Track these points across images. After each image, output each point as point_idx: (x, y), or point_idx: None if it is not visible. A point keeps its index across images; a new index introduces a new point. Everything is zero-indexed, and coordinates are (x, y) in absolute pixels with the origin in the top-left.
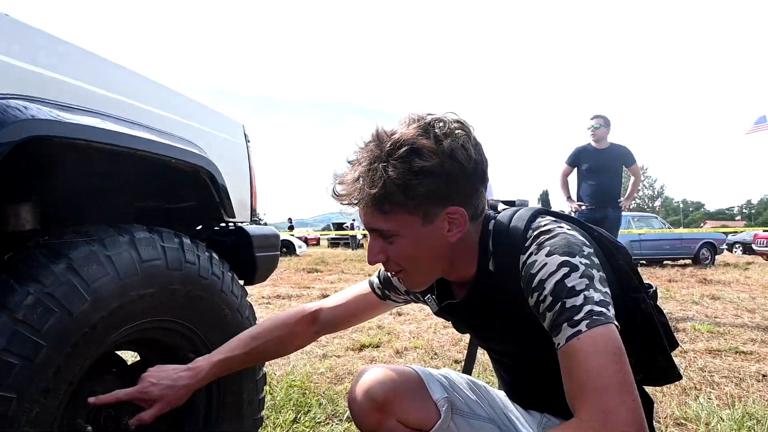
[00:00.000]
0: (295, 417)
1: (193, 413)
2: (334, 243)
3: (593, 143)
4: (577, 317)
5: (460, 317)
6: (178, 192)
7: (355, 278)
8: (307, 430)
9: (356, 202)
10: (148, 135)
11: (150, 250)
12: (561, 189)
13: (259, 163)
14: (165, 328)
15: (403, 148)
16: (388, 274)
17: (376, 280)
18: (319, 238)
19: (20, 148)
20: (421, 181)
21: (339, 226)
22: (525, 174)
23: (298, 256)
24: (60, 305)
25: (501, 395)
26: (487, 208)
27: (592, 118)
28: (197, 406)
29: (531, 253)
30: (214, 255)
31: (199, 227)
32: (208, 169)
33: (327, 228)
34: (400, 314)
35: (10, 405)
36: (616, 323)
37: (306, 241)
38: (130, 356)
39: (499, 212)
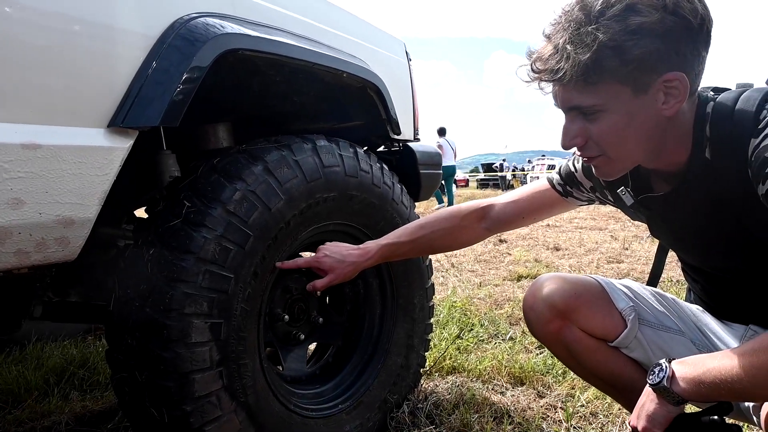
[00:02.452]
0: (459, 333)
1: (371, 312)
2: (483, 184)
3: None
4: None
5: (660, 215)
6: (347, 111)
7: None
8: (471, 345)
9: (559, 76)
10: (323, 50)
11: (330, 157)
12: None
13: None
14: (344, 232)
15: (617, 6)
16: (572, 168)
17: (556, 176)
18: (467, 179)
19: (215, 69)
20: (638, 42)
21: (488, 167)
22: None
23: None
24: (261, 201)
25: (692, 308)
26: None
27: None
28: (374, 306)
29: (766, 136)
30: (385, 166)
31: (365, 148)
32: (375, 85)
33: (475, 170)
34: (558, 249)
35: (229, 283)
36: None
37: (455, 182)
38: None
39: (716, 96)
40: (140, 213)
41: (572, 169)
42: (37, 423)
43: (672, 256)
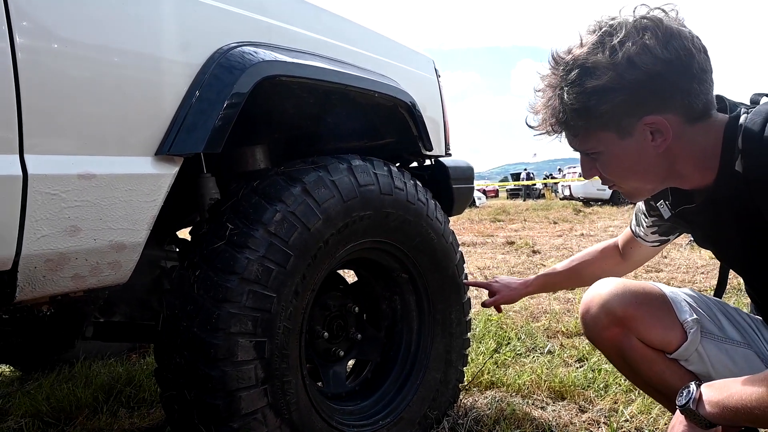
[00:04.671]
0: (496, 347)
1: (408, 327)
2: (513, 194)
3: None
4: None
5: (697, 225)
6: (378, 129)
7: (539, 226)
8: (509, 359)
9: (548, 131)
10: (355, 72)
11: (365, 176)
12: None
13: None
14: (381, 249)
15: (574, 71)
16: None
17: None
18: (497, 189)
19: (253, 94)
20: (600, 99)
21: (517, 177)
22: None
23: (478, 207)
24: (300, 222)
25: (758, 320)
26: (743, 102)
27: None
28: (412, 322)
29: None
30: (419, 183)
31: (398, 165)
32: (406, 102)
33: (505, 179)
34: None
35: (272, 302)
36: None
37: (485, 192)
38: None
39: (753, 107)
40: (182, 234)
41: None
42: None
43: None
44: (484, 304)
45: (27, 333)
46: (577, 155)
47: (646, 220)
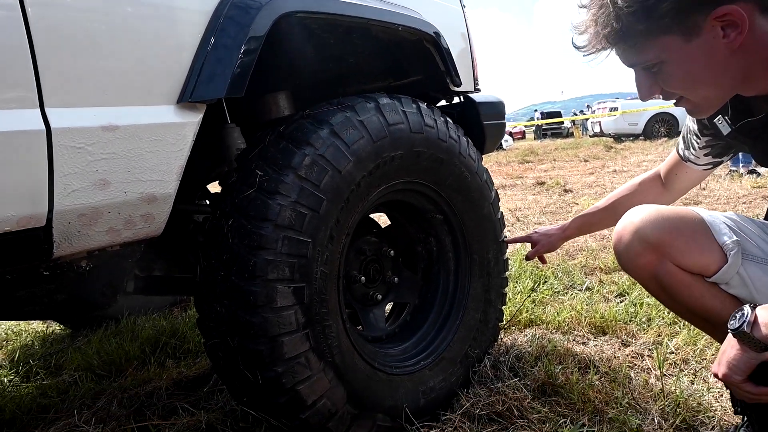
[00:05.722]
0: (533, 286)
1: (445, 268)
2: (542, 133)
3: None
4: None
5: (760, 140)
6: (404, 67)
7: (569, 165)
8: (547, 297)
9: (598, 48)
10: (376, 4)
11: (394, 114)
12: None
13: None
14: (413, 190)
15: None
16: (687, 119)
17: (680, 140)
18: (524, 131)
19: (271, 36)
20: None
21: (547, 116)
22: None
23: (505, 150)
24: (331, 165)
25: None
26: None
27: None
28: (448, 263)
29: None
30: (449, 120)
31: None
32: (432, 35)
33: (532, 119)
34: None
35: (308, 248)
36: None
37: (511, 135)
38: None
39: None
40: (212, 188)
41: (687, 119)
42: (140, 389)
43: None
44: (527, 257)
45: (69, 289)
46: (605, 90)
47: (698, 141)
